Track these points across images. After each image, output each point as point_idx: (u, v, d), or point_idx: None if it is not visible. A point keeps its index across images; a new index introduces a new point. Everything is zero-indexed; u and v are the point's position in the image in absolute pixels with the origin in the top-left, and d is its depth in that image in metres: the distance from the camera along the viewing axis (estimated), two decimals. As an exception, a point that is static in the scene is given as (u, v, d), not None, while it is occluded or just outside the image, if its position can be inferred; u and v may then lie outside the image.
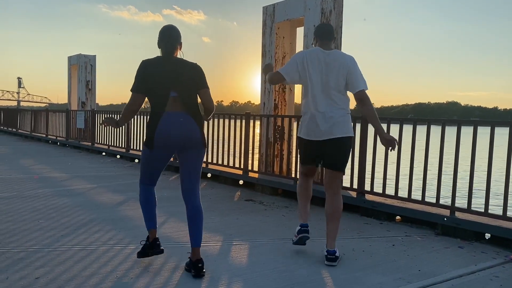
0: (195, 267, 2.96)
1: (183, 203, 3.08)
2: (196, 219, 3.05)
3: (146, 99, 3.10)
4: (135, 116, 4.52)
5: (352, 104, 3.49)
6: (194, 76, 3.04)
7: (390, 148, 3.34)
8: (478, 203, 4.58)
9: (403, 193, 4.81)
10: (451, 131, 4.45)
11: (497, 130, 4.16)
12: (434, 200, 4.48)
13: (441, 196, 4.49)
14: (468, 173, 4.23)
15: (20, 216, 4.47)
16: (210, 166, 7.38)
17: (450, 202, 4.32)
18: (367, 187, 5.07)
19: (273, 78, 3.61)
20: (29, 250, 3.38)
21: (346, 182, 5.38)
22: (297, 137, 3.75)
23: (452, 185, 4.34)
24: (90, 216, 4.54)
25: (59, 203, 5.14)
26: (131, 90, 3.03)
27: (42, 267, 3.03)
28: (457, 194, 4.32)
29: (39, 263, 3.10)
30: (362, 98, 3.36)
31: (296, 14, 6.28)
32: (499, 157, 5.08)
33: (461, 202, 4.51)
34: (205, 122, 3.19)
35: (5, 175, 7.21)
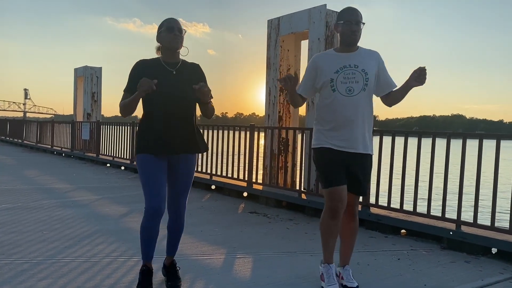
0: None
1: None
2: None
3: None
4: None
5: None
6: None
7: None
8: (484, 217, 4.54)
9: (408, 206, 4.77)
10: (456, 144, 4.43)
11: (503, 143, 4.15)
12: (439, 214, 4.45)
13: (446, 209, 4.45)
14: (474, 186, 4.20)
15: (24, 227, 4.47)
16: (214, 178, 7.36)
17: (456, 216, 4.28)
18: (372, 200, 5.04)
19: None
20: (32, 262, 3.37)
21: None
22: None
23: (458, 198, 4.31)
24: (94, 228, 4.54)
25: (63, 214, 5.14)
26: None
27: (45, 279, 3.02)
28: (462, 208, 4.29)
29: (43, 275, 3.10)
30: None
31: (301, 27, 6.32)
32: (506, 171, 5.04)
33: (467, 216, 4.46)
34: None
35: (10, 186, 7.24)
